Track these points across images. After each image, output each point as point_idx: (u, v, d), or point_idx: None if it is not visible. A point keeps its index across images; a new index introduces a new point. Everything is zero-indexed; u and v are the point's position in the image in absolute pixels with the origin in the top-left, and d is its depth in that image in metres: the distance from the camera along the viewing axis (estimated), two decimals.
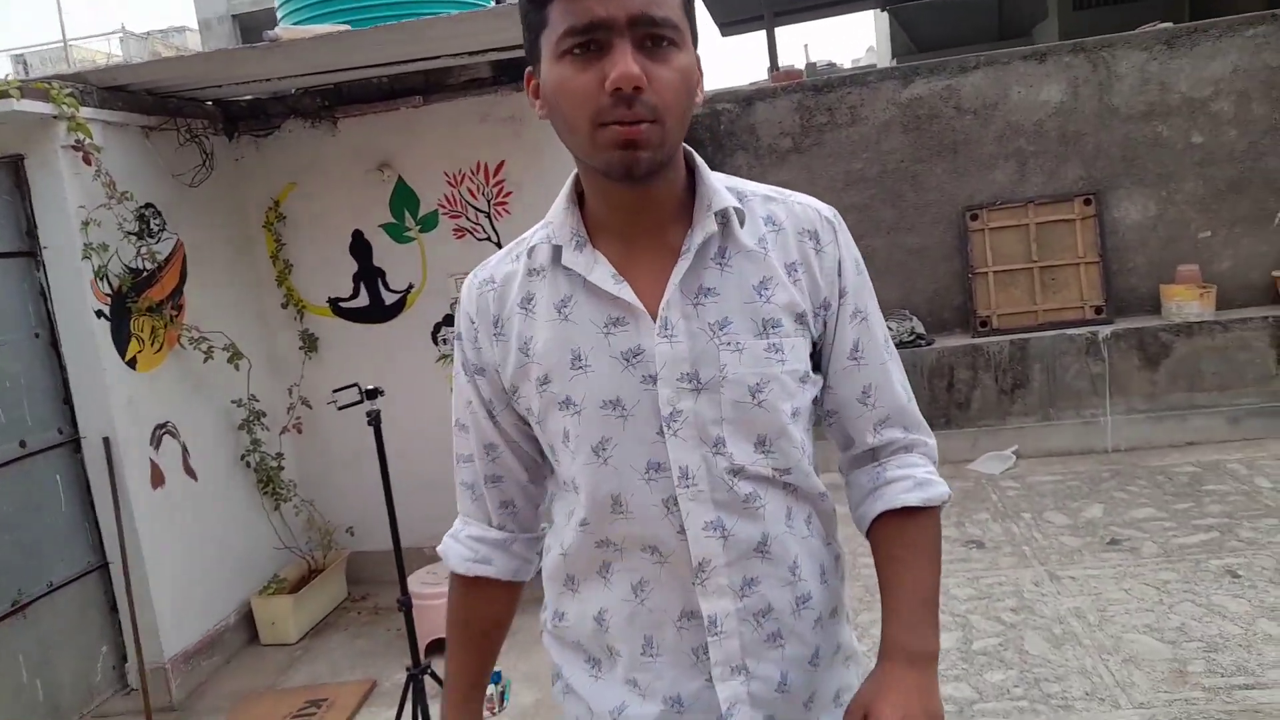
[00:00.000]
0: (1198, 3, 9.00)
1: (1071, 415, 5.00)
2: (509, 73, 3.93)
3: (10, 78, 3.26)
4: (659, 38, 0.95)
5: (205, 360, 3.70)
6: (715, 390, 1.02)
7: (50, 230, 3.27)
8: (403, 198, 4.12)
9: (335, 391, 3.20)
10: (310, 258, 4.25)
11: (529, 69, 1.05)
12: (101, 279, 3.32)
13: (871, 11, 12.19)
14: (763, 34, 9.87)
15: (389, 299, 4.22)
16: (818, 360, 1.12)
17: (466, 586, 1.22)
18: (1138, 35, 5.06)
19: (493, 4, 3.82)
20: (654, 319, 1.03)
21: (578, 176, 1.10)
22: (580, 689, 1.16)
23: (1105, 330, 4.96)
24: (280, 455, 4.14)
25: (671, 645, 1.08)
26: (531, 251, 1.10)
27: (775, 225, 1.09)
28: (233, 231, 4.16)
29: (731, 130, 5.37)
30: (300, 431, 4.32)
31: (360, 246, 4.20)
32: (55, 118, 3.17)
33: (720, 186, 1.07)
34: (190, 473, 3.67)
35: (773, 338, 1.04)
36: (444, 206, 4.10)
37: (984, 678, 2.96)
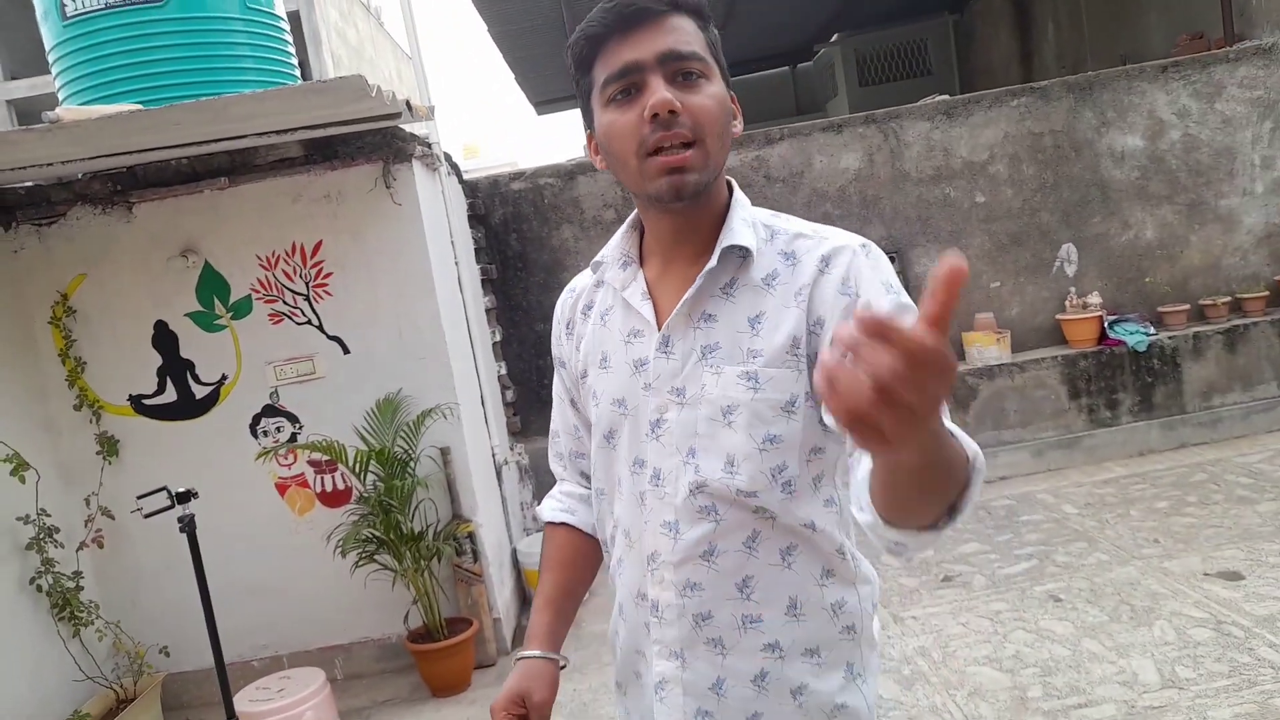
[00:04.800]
0: (964, 78, 10.00)
1: None
2: (321, 151, 3.79)
3: None
4: (688, 71, 1.08)
5: None
6: (695, 406, 1.14)
7: None
8: (210, 284, 3.87)
9: (140, 498, 2.92)
10: (106, 353, 3.90)
11: (589, 132, 1.20)
12: None
13: None
14: (578, 112, 10.12)
15: (200, 392, 3.92)
16: None
17: (553, 529, 1.40)
18: (920, 107, 5.54)
19: (299, 81, 3.70)
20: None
21: None
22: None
23: None
24: (79, 574, 3.70)
25: (631, 615, 1.24)
26: (597, 267, 1.28)
27: (794, 259, 1.14)
28: (12, 330, 3.76)
29: (556, 204, 5.42)
30: (101, 546, 3.89)
31: (164, 338, 3.89)
32: None
33: (740, 226, 1.15)
34: None
35: (750, 366, 1.11)
36: (258, 291, 3.87)
37: None
